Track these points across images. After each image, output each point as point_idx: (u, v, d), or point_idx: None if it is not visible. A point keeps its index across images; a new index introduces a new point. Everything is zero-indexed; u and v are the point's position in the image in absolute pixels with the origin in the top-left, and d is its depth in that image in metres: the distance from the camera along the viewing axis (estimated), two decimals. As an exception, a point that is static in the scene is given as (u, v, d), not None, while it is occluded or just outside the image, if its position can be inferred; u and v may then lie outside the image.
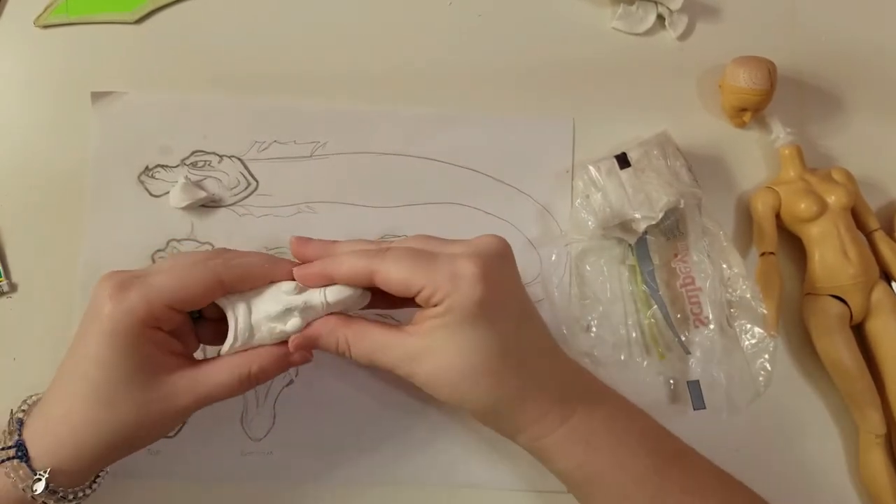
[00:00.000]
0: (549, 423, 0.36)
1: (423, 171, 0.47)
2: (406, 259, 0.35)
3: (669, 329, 0.45)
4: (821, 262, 0.45)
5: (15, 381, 0.42)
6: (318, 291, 0.37)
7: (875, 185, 0.50)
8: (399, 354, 0.36)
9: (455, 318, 0.34)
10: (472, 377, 0.35)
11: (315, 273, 0.37)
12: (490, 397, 0.36)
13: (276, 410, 0.43)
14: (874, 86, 0.51)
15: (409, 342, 0.35)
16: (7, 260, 0.44)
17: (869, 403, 0.45)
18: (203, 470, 0.43)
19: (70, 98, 0.45)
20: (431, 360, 0.35)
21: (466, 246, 0.36)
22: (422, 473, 0.44)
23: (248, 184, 0.45)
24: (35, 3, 0.46)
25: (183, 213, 0.45)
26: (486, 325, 0.35)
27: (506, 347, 0.35)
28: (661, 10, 0.50)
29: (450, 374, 0.35)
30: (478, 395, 0.36)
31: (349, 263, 0.36)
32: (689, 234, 0.46)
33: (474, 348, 0.35)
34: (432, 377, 0.35)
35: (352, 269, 0.36)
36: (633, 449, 0.36)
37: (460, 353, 0.35)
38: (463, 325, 0.34)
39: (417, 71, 0.48)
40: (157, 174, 0.45)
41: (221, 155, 0.46)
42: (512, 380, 0.36)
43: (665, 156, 0.46)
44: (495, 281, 0.35)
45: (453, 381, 0.35)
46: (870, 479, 0.45)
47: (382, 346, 0.36)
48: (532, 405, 0.36)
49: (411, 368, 0.36)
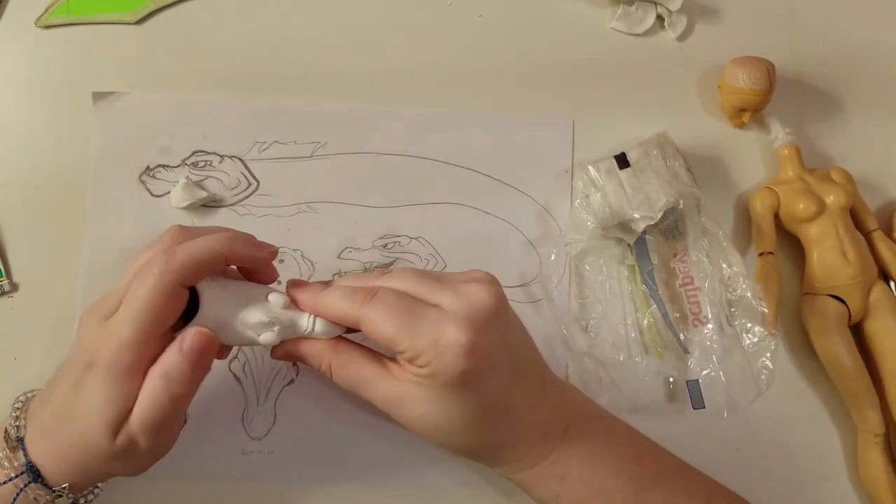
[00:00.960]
0: (528, 462, 0.37)
1: (424, 171, 0.47)
2: (392, 314, 0.34)
3: (668, 329, 0.45)
4: (819, 262, 0.46)
5: (15, 381, 0.42)
6: (308, 318, 0.36)
7: (874, 185, 0.50)
8: (380, 395, 0.36)
9: (437, 383, 0.34)
10: (451, 432, 0.36)
11: (306, 301, 0.36)
12: (469, 446, 0.37)
13: (277, 409, 0.43)
14: (873, 86, 0.51)
15: (390, 386, 0.35)
16: (8, 259, 0.44)
17: (867, 403, 0.45)
18: (204, 469, 0.43)
19: (71, 98, 0.45)
20: (411, 409, 0.35)
21: (457, 298, 0.34)
22: (422, 473, 0.44)
23: (249, 184, 0.46)
24: (36, 3, 0.46)
25: (184, 213, 0.45)
26: (469, 391, 0.34)
27: (488, 407, 0.35)
28: (661, 10, 0.50)
29: (429, 425, 0.36)
30: (457, 445, 0.37)
31: (336, 306, 0.35)
32: (688, 234, 0.46)
33: (455, 410, 0.35)
34: (412, 423, 0.36)
35: (338, 311, 0.35)
36: (611, 478, 0.37)
37: (441, 411, 0.35)
38: (445, 390, 0.34)
39: (417, 71, 0.48)
40: (158, 174, 0.45)
41: (222, 155, 0.46)
42: (492, 433, 0.36)
43: (664, 156, 0.46)
44: (483, 347, 0.34)
45: (433, 431, 0.36)
46: (868, 479, 0.45)
47: (364, 381, 0.36)
48: (510, 451, 0.37)
49: (392, 410, 0.36)
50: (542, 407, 0.38)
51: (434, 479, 0.44)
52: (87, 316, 0.34)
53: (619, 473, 0.37)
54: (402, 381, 0.35)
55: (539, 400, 0.38)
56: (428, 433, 0.36)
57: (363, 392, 0.36)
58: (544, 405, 0.38)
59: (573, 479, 0.37)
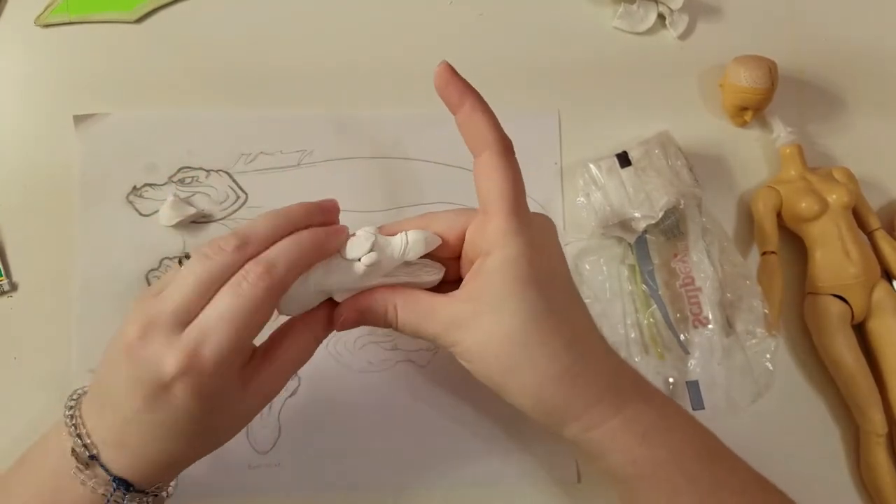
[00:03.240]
0: (603, 411, 0.34)
1: (415, 173, 0.47)
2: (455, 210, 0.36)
3: (669, 329, 0.45)
4: (822, 262, 0.45)
5: (15, 381, 0.42)
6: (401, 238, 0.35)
7: (876, 184, 0.49)
8: (444, 320, 0.34)
9: (507, 275, 0.32)
10: (523, 343, 0.32)
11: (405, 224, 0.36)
12: (540, 371, 0.33)
13: (282, 422, 0.43)
14: (875, 85, 0.51)
15: (456, 307, 0.34)
16: (7, 259, 0.44)
17: (870, 403, 0.44)
18: (211, 485, 0.42)
19: (71, 97, 0.45)
20: (479, 325, 0.33)
21: None
22: (428, 477, 0.43)
23: (238, 197, 0.45)
24: (36, 2, 0.46)
25: (174, 231, 0.45)
26: (538, 289, 0.33)
27: (557, 317, 0.33)
28: (662, 9, 0.49)
29: (498, 340, 0.33)
30: (527, 369, 0.33)
31: (443, 216, 0.36)
32: (689, 234, 0.46)
33: (526, 310, 0.32)
34: (478, 344, 0.33)
35: (445, 219, 0.36)
36: (687, 446, 0.34)
37: (512, 314, 0.32)
38: (515, 284, 0.32)
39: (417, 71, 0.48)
40: (146, 193, 0.45)
41: (208, 170, 0.45)
42: (564, 353, 0.33)
43: (666, 155, 0.46)
44: (548, 250, 0.35)
45: (501, 349, 0.33)
46: (871, 480, 0.45)
47: (429, 311, 0.34)
48: (584, 387, 0.33)
49: (456, 336, 0.33)
50: (605, 346, 0.35)
51: (441, 482, 0.43)
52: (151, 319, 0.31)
53: (691, 439, 0.35)
54: (467, 300, 0.33)
55: (601, 338, 0.36)
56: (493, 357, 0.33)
57: (426, 326, 0.34)
58: (606, 346, 0.36)
59: (653, 440, 0.33)
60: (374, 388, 0.44)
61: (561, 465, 0.44)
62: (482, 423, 0.44)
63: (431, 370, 0.44)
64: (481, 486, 0.43)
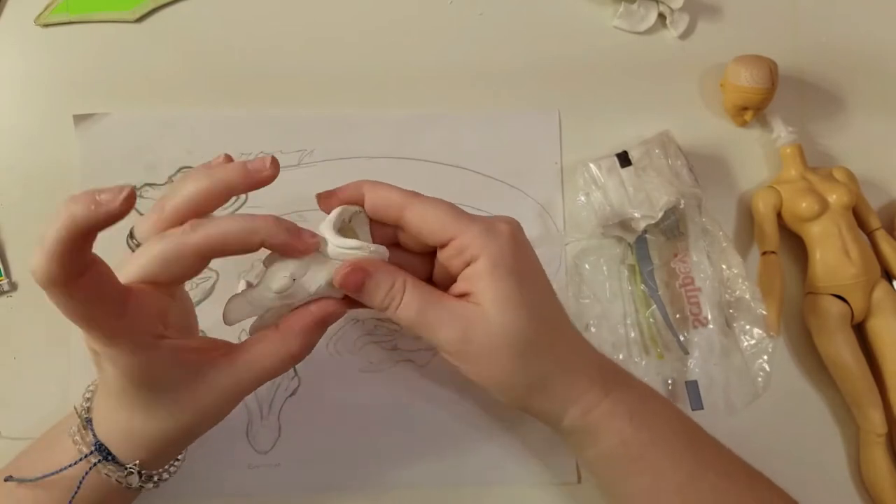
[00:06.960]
0: (596, 394, 0.35)
1: (414, 173, 0.46)
2: (442, 206, 0.34)
3: (668, 329, 0.45)
4: (822, 262, 0.45)
5: (15, 380, 0.42)
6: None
7: (876, 184, 0.49)
8: (447, 316, 0.34)
9: (499, 272, 0.33)
10: (520, 338, 0.33)
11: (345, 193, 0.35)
12: (537, 364, 0.34)
13: (282, 421, 0.43)
14: (876, 85, 0.51)
15: (458, 305, 0.34)
16: (7, 259, 0.44)
17: (870, 403, 0.44)
18: (211, 485, 0.42)
19: (71, 97, 0.45)
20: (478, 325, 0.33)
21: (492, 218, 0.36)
22: (429, 477, 0.43)
23: (238, 197, 0.45)
24: (36, 2, 0.46)
25: None
26: (527, 285, 0.34)
27: (546, 312, 0.35)
28: (663, 8, 0.49)
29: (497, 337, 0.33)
30: (526, 362, 0.34)
31: (384, 192, 0.35)
32: (688, 234, 0.46)
33: (521, 304, 0.33)
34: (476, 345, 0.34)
35: (386, 198, 0.34)
36: (668, 429, 0.36)
37: (509, 308, 0.33)
38: (508, 279, 0.33)
39: (417, 72, 0.48)
40: (146, 193, 0.45)
41: None
42: (558, 345, 0.35)
43: (666, 155, 0.46)
44: (526, 246, 0.36)
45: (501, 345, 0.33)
46: (871, 479, 0.45)
47: (435, 301, 0.34)
48: (578, 374, 0.35)
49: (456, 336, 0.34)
50: (579, 334, 0.37)
51: (443, 481, 0.43)
52: None
53: (672, 423, 0.36)
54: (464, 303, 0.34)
55: (580, 334, 0.37)
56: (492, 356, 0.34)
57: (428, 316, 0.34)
58: (585, 341, 0.37)
59: (640, 420, 0.35)
60: (374, 387, 0.44)
61: (561, 465, 0.44)
62: (482, 422, 0.44)
63: (431, 370, 0.44)
64: (481, 485, 0.44)
